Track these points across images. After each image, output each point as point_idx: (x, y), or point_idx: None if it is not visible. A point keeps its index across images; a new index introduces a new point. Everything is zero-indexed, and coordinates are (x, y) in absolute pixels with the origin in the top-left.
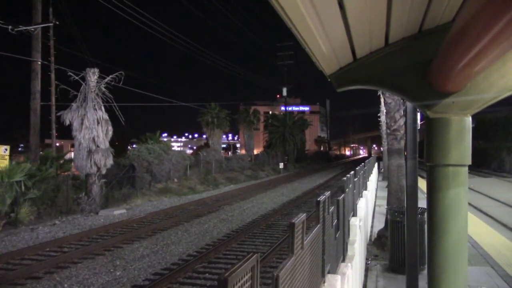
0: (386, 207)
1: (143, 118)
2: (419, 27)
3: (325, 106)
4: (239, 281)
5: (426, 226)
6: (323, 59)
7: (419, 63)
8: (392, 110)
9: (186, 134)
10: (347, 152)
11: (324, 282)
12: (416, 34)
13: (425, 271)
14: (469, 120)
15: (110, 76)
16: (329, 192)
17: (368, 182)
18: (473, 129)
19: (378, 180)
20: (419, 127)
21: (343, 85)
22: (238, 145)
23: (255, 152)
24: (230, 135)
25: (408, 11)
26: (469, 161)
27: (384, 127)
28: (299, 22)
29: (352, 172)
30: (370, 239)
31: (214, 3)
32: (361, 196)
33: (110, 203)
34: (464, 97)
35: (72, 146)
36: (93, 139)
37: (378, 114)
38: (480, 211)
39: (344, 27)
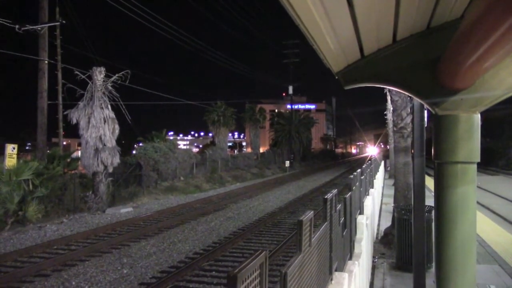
0: (393, 205)
1: (149, 117)
2: (427, 24)
3: (331, 104)
4: (248, 277)
5: (433, 224)
6: (330, 57)
7: (427, 60)
8: (399, 108)
9: (192, 133)
10: (353, 150)
11: (331, 280)
12: (424, 31)
13: (432, 269)
14: (477, 117)
15: (117, 75)
16: (336, 190)
17: (374, 180)
18: (480, 126)
19: (384, 178)
20: (426, 125)
21: (351, 82)
22: (244, 144)
23: (261, 150)
24: (236, 133)
25: (416, 7)
26: (477, 159)
27: (390, 125)
28: (308, 19)
29: (359, 170)
30: (377, 237)
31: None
32: (368, 194)
33: (117, 201)
34: (473, 94)
35: (79, 144)
36: (100, 137)
37: (385, 112)
38: (488, 209)
39: (352, 24)
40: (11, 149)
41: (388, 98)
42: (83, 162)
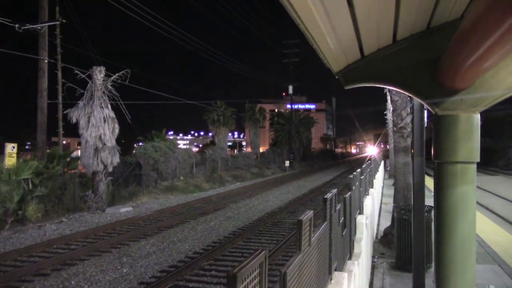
0: (392, 205)
1: (149, 116)
2: (427, 24)
3: (331, 104)
4: (247, 277)
5: (433, 224)
6: (330, 56)
7: (427, 60)
8: (399, 108)
9: (192, 132)
10: (353, 150)
11: (331, 280)
12: (425, 30)
13: (432, 269)
14: (477, 117)
15: (117, 74)
16: (335, 189)
17: (374, 180)
18: (480, 126)
19: (384, 178)
20: (426, 125)
21: (351, 82)
22: (244, 143)
23: (261, 150)
24: (236, 133)
25: (416, 7)
26: (477, 158)
27: (390, 125)
28: (308, 19)
29: (358, 170)
30: (377, 237)
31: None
32: (368, 194)
33: (116, 200)
34: (473, 94)
35: (79, 144)
36: (100, 137)
37: (385, 112)
38: (487, 209)
39: (352, 24)
40: (10, 148)
41: (388, 98)
42: (83, 162)
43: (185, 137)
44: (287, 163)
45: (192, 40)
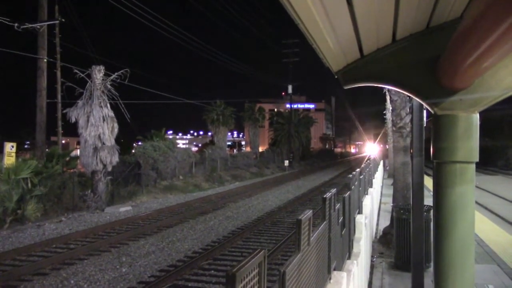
0: (391, 204)
1: (148, 116)
2: (426, 24)
3: (331, 103)
4: (246, 276)
5: (432, 223)
6: (330, 56)
7: (426, 59)
8: (398, 108)
9: (191, 132)
10: (352, 150)
11: (330, 279)
12: (424, 30)
13: (431, 269)
14: (476, 117)
15: (116, 74)
16: (335, 189)
17: (373, 180)
18: (479, 126)
19: (383, 178)
20: (425, 125)
21: (350, 82)
22: (243, 143)
23: (260, 149)
24: (235, 132)
25: (416, 7)
26: (476, 158)
27: (390, 125)
28: (307, 19)
29: (358, 169)
30: (376, 237)
31: None
32: (367, 194)
33: (115, 200)
34: (472, 94)
35: (78, 143)
36: (99, 136)
37: (384, 112)
38: (486, 208)
39: (351, 24)
40: (9, 147)
41: (387, 97)
42: (82, 161)
43: (185, 137)
44: (286, 162)
45: (192, 40)
